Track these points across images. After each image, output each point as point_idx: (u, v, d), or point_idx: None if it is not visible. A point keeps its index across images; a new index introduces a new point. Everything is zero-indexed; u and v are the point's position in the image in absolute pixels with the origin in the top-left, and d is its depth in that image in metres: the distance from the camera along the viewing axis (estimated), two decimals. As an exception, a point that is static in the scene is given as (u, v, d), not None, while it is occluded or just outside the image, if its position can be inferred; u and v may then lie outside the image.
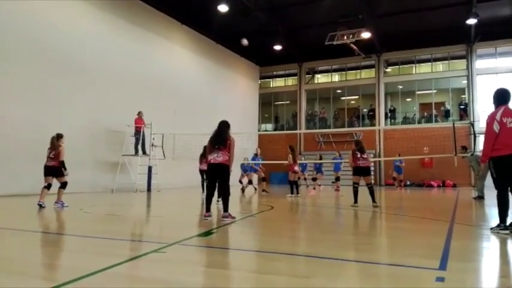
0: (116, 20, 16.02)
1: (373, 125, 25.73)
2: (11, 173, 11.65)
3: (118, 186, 14.67)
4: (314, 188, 18.09)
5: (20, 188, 11.56)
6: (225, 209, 6.57)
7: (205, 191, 12.28)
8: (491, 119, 5.42)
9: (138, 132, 15.22)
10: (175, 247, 4.36)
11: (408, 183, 22.69)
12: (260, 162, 15.62)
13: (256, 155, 15.77)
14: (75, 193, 12.76)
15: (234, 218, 6.50)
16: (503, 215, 5.32)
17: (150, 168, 15.39)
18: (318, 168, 18.34)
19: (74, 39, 14.07)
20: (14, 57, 12.13)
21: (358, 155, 9.54)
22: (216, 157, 6.59)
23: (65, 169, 8.68)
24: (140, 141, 15.22)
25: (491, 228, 5.45)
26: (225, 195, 6.66)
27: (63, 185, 8.78)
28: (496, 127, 5.32)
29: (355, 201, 9.38)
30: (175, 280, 3.17)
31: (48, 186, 8.63)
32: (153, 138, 15.58)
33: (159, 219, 7.62)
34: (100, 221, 7.16)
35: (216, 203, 8.42)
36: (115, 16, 15.96)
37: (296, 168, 13.14)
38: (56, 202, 8.62)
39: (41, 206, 8.24)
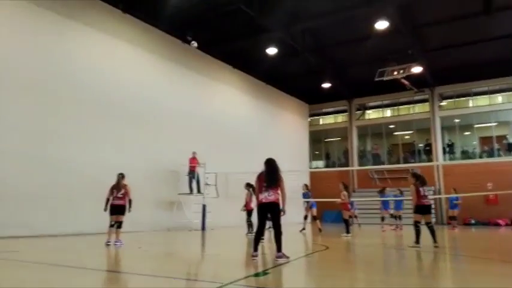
0: (172, 67, 17.05)
1: (430, 160, 24.72)
2: (75, 212, 12.34)
3: (174, 224, 15.06)
4: (396, 227, 16.44)
5: (82, 227, 12.18)
6: (279, 248, 6.39)
7: (250, 230, 12.32)
8: None
9: (192, 171, 15.74)
10: (230, 287, 4.35)
11: (473, 221, 21.31)
12: (311, 199, 15.33)
13: (307, 190, 15.41)
14: (133, 232, 13.27)
15: (288, 257, 6.33)
16: None
17: (204, 207, 15.72)
18: (398, 206, 16.85)
19: (132, 85, 15.05)
20: (77, 103, 13.08)
21: (421, 192, 9.05)
22: (268, 196, 6.50)
23: (130, 207, 9.11)
24: (195, 180, 15.71)
25: None
26: (278, 235, 6.49)
27: (121, 224, 9.16)
28: None
29: (418, 241, 8.84)
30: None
31: (116, 225, 8.99)
32: (207, 178, 15.99)
33: (214, 258, 7.70)
34: (157, 259, 7.33)
35: (260, 242, 8.34)
36: (171, 62, 16.99)
37: (349, 206, 12.82)
38: (116, 241, 8.96)
39: (108, 245, 8.65)
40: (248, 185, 12.96)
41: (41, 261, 6.54)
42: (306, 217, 15.20)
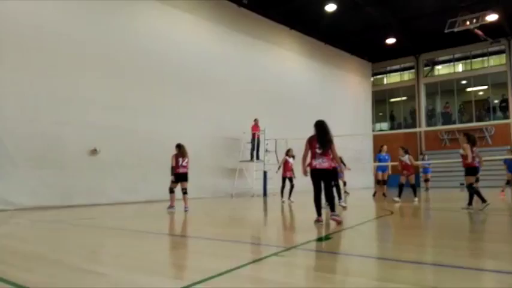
0: (229, 32, 16.91)
1: (506, 117, 22.80)
2: (145, 181, 12.99)
3: (237, 191, 15.43)
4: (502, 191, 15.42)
5: (152, 194, 12.85)
6: (332, 209, 6.52)
7: (287, 197, 12.02)
8: None
9: (253, 138, 15.85)
10: (294, 251, 4.39)
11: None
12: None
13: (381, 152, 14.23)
14: (198, 198, 13.81)
15: (340, 218, 6.49)
16: None
17: (265, 173, 15.87)
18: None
19: (191, 54, 15.17)
20: (140, 74, 13.46)
21: (474, 153, 8.58)
22: (322, 162, 6.50)
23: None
24: (256, 147, 15.84)
25: None
26: (330, 198, 6.55)
27: (186, 190, 9.48)
28: None
29: (484, 200, 8.45)
30: (295, 285, 3.20)
31: (182, 191, 9.33)
32: (267, 144, 16.04)
33: (277, 223, 7.75)
34: (222, 224, 7.49)
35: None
36: (227, 28, 16.86)
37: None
38: (186, 207, 9.25)
39: (172, 211, 9.05)
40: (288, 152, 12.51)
41: (115, 227, 6.99)
42: (378, 182, 14.33)
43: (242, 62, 17.34)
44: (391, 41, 23.19)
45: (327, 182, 6.63)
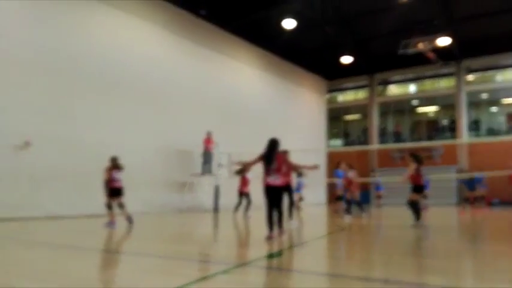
0: (185, 43, 16.39)
1: (454, 137, 23.70)
2: (87, 194, 12.03)
3: (186, 206, 14.73)
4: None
5: (94, 208, 11.90)
6: (279, 225, 6.61)
7: (244, 212, 11.77)
8: None
9: (206, 152, 15.26)
10: (243, 268, 4.33)
11: (496, 201, 20.39)
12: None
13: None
14: (146, 213, 13.00)
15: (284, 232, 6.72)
16: None
17: (217, 188, 15.30)
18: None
19: (142, 63, 14.51)
20: (87, 83, 12.69)
21: (420, 173, 9.03)
22: (275, 179, 6.50)
23: None
24: (208, 161, 15.23)
25: None
26: (279, 216, 6.63)
27: (123, 204, 8.84)
28: None
29: (418, 217, 8.80)
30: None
31: (118, 205, 8.76)
32: (220, 158, 15.52)
33: (227, 239, 7.53)
34: (170, 241, 7.15)
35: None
36: (182, 38, 16.33)
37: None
38: (129, 218, 8.76)
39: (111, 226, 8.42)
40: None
41: (49, 241, 6.56)
42: (338, 197, 14.35)
43: (197, 74, 16.82)
44: (347, 59, 23.54)
45: (278, 200, 6.62)
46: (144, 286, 3.54)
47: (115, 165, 8.88)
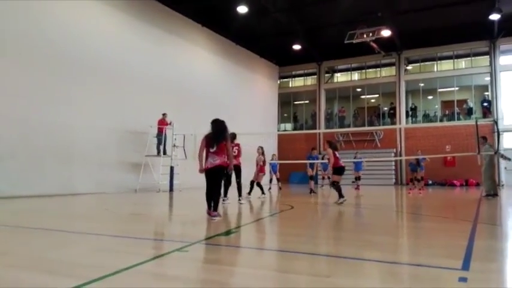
0: (137, 23, 16.32)
1: (393, 123, 25.41)
2: (39, 173, 12.02)
3: (141, 186, 14.94)
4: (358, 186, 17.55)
5: (47, 188, 11.91)
6: (215, 208, 6.67)
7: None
8: None
9: (160, 133, 15.47)
10: (197, 246, 4.43)
11: (430, 182, 22.29)
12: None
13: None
14: (100, 193, 13.11)
15: (220, 216, 6.74)
16: None
17: (172, 169, 15.60)
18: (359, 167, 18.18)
19: (97, 43, 14.39)
20: (37, 61, 12.41)
21: (337, 155, 10.12)
22: (213, 161, 6.64)
23: None
24: (162, 142, 15.47)
25: None
26: (217, 196, 6.81)
27: None
28: None
29: (342, 195, 9.84)
30: (197, 279, 3.26)
31: None
32: (175, 139, 15.77)
33: (181, 219, 7.75)
34: (124, 220, 7.28)
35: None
36: (136, 19, 16.25)
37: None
38: None
39: None
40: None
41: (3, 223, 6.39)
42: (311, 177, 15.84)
43: (151, 54, 16.86)
44: (297, 47, 24.36)
45: (218, 179, 6.79)
46: (97, 264, 3.52)
47: None
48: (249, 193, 11.89)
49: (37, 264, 3.58)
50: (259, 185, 12.27)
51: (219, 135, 6.74)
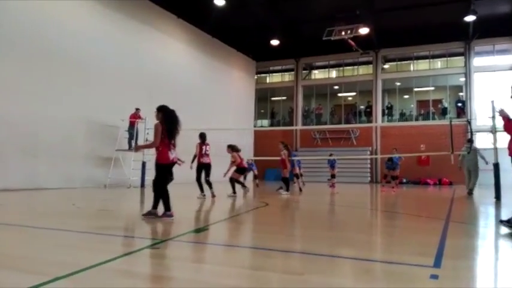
0: (109, 12, 15.75)
1: (370, 121, 25.69)
2: (0, 166, 11.49)
3: (111, 181, 14.53)
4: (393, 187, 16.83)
5: (10, 182, 11.41)
6: (167, 208, 6.18)
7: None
8: None
9: (132, 127, 15.10)
10: (169, 243, 4.37)
11: (404, 180, 22.69)
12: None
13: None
14: (67, 188, 12.69)
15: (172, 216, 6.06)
16: None
17: (144, 164, 15.26)
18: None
19: (66, 32, 13.81)
20: (5, 51, 11.86)
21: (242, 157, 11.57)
22: (175, 155, 6.38)
23: None
24: (134, 137, 15.10)
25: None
26: (165, 196, 6.26)
27: None
28: None
29: (234, 192, 11.09)
30: (168, 276, 3.16)
31: None
32: (147, 133, 15.43)
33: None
34: (92, 216, 7.02)
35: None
36: (108, 8, 15.66)
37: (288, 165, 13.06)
38: None
39: None
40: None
41: None
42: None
43: (124, 45, 16.37)
44: (275, 42, 24.25)
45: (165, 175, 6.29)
46: (63, 261, 3.40)
47: None
48: (287, 189, 12.40)
49: (1, 260, 3.46)
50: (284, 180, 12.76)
51: (178, 126, 6.14)
